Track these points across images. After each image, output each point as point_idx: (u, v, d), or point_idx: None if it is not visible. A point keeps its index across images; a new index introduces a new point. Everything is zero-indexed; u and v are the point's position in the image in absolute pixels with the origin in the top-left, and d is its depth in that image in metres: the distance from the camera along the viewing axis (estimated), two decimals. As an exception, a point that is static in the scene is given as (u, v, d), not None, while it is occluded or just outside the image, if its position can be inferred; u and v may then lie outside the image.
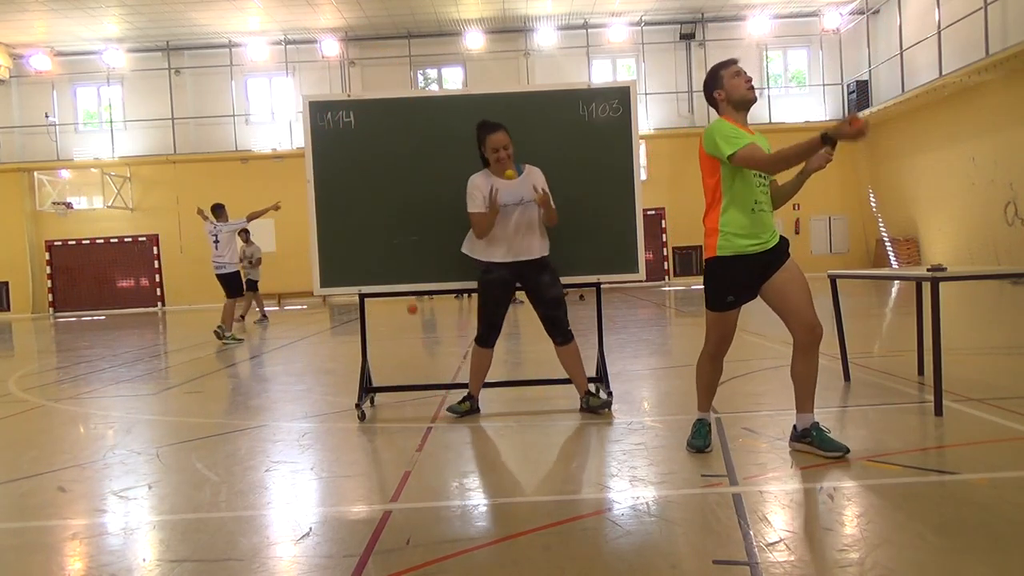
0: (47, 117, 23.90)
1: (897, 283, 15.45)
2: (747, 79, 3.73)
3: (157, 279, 24.19)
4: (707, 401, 3.96)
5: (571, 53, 23.87)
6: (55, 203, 23.22)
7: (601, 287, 5.39)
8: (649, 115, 23.46)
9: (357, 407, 5.12)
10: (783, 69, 24.60)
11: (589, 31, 23.75)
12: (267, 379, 7.88)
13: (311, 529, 3.06)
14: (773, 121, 22.97)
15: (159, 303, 24.21)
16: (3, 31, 22.15)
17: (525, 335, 10.89)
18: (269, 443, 4.62)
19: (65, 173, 24.04)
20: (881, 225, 23.09)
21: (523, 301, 16.81)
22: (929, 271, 4.50)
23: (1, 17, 20.92)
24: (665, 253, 24.01)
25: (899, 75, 20.55)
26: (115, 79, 24.20)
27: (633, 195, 5.17)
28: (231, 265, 11.51)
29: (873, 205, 23.53)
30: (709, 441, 3.86)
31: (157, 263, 24.15)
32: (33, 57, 23.45)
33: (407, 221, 5.15)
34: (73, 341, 13.86)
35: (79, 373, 8.76)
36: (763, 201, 3.67)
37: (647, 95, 23.34)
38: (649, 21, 23.66)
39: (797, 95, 24.39)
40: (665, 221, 23.86)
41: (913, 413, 4.64)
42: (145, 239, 24.14)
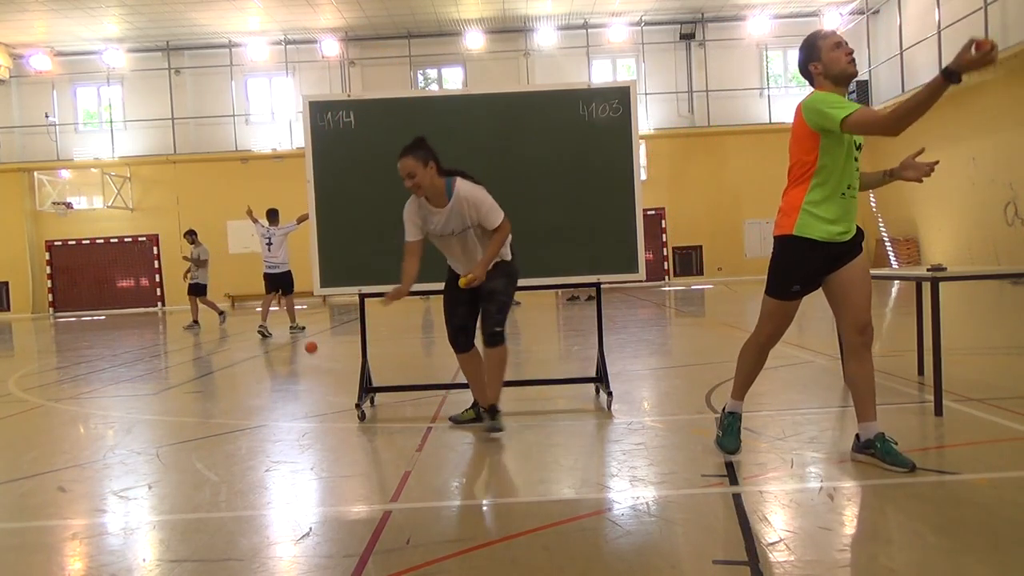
0: (47, 117, 23.88)
1: (897, 283, 15.45)
2: (848, 51, 3.36)
3: (157, 279, 24.16)
4: (743, 390, 3.71)
5: (571, 53, 23.87)
6: (55, 203, 23.21)
7: (601, 287, 5.40)
8: (649, 115, 23.45)
9: (357, 407, 5.12)
10: (783, 69, 24.58)
11: (589, 31, 23.74)
12: (267, 379, 7.88)
13: (311, 529, 3.06)
14: (773, 121, 22.97)
15: (159, 303, 24.19)
16: (3, 31, 22.13)
17: (525, 335, 10.90)
18: (269, 443, 4.62)
19: (65, 173, 24.03)
20: (881, 225, 23.08)
21: (519, 302, 16.89)
22: (929, 271, 4.51)
23: (1, 17, 20.91)
24: (665, 253, 24.00)
25: (899, 75, 20.54)
26: (115, 79, 24.18)
27: (633, 195, 5.17)
28: (283, 265, 12.44)
29: (873, 205, 23.52)
30: (739, 443, 3.67)
31: (157, 263, 24.12)
32: (33, 57, 23.44)
33: (407, 221, 5.14)
34: (73, 341, 13.86)
35: (79, 373, 8.76)
36: (855, 187, 3.40)
37: (647, 95, 23.33)
38: (649, 21, 23.65)
39: (797, 95, 24.33)
40: (665, 221, 23.85)
41: (913, 413, 4.64)
42: (145, 239, 24.13)
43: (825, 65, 3.35)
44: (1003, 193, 17.10)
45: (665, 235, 23.98)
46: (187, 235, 14.46)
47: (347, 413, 5.27)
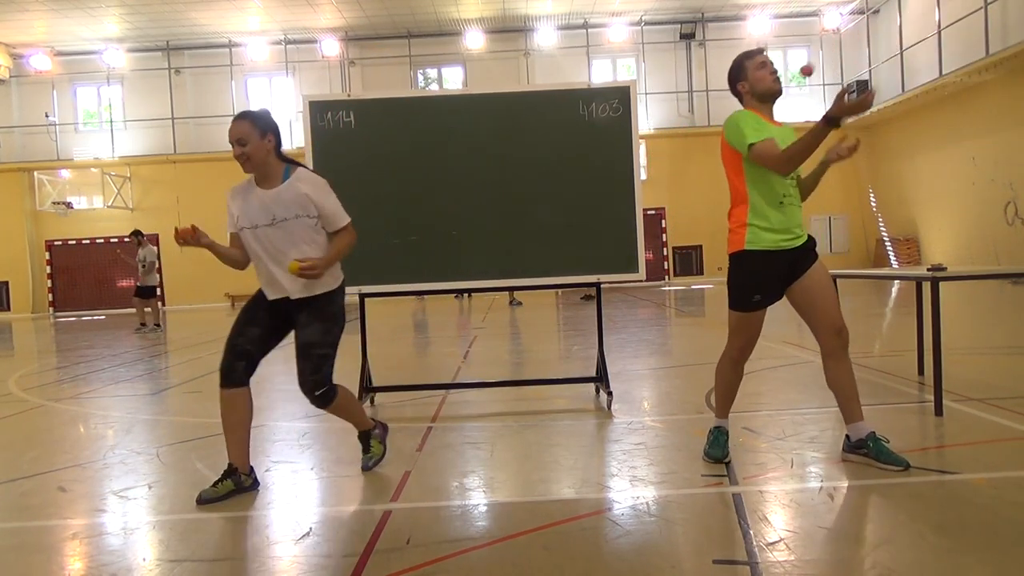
0: (47, 117, 23.89)
1: (897, 283, 15.45)
2: (773, 70, 3.55)
3: (157, 279, 24.14)
4: (725, 408, 3.74)
5: (571, 53, 23.87)
6: (55, 203, 23.22)
7: (601, 287, 5.39)
8: (649, 115, 23.45)
9: (357, 407, 5.09)
10: (783, 69, 24.59)
11: (589, 31, 23.75)
12: (267, 379, 7.88)
13: (311, 529, 3.06)
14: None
15: (159, 303, 24.18)
16: (3, 31, 22.14)
17: (525, 335, 10.90)
18: (269, 443, 4.62)
19: (65, 173, 24.03)
20: (881, 225, 23.08)
21: (520, 302, 16.87)
22: (929, 271, 4.50)
23: (1, 17, 20.92)
24: (665, 253, 24.01)
25: (899, 75, 20.54)
26: (115, 79, 24.19)
27: (633, 195, 5.17)
28: None
29: (873, 205, 23.53)
30: (727, 451, 3.68)
31: (157, 263, 24.10)
32: (33, 57, 23.45)
33: (407, 221, 5.15)
34: (73, 341, 13.86)
35: (79, 373, 8.76)
36: (791, 195, 3.49)
37: (647, 95, 23.33)
38: (649, 21, 23.65)
39: (797, 95, 24.37)
40: (665, 221, 23.86)
41: (913, 413, 4.64)
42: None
43: (751, 84, 3.57)
44: (1003, 193, 17.09)
45: (665, 235, 23.98)
46: (133, 235, 12.77)
47: (347, 413, 5.26)
